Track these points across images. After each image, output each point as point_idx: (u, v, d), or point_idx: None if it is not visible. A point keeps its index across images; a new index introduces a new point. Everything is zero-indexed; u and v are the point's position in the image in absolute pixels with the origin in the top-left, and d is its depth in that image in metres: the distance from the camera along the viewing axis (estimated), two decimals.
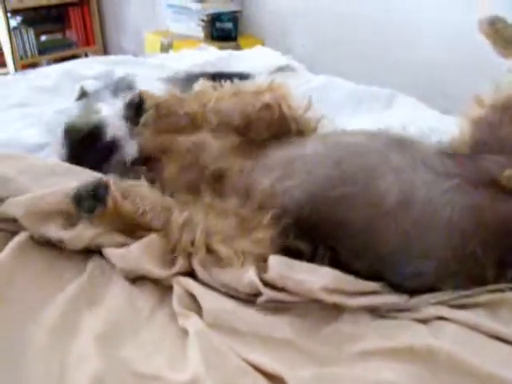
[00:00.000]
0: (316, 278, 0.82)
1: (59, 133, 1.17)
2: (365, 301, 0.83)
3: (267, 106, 1.04)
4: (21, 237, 0.92)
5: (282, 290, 0.83)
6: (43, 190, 0.95)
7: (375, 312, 0.85)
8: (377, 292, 0.85)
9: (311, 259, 0.88)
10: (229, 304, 0.84)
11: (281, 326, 0.81)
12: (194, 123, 1.09)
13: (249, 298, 0.85)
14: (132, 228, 0.94)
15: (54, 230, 0.92)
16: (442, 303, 0.84)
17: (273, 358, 0.75)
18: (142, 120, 1.09)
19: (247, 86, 1.13)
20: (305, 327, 0.81)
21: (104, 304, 0.85)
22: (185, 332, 0.79)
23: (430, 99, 1.83)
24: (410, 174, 0.87)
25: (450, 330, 0.78)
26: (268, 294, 0.82)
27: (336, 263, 0.87)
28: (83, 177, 0.99)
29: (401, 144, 0.94)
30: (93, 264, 0.93)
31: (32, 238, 0.94)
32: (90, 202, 0.91)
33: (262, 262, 0.87)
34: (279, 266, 0.84)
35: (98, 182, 0.93)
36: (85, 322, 0.82)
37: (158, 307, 0.87)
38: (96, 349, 0.76)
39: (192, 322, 0.78)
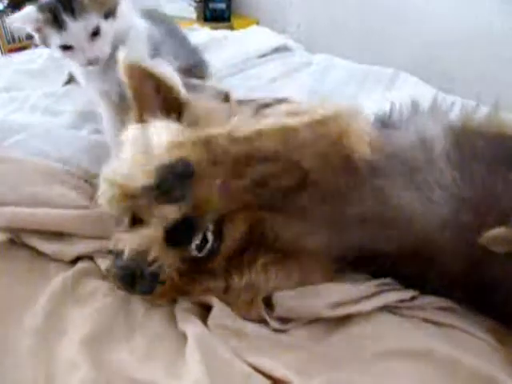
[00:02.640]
0: (320, 299, 0.79)
1: None
2: (375, 303, 0.80)
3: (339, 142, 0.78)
4: (2, 236, 0.87)
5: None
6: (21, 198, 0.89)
7: (384, 308, 0.82)
8: (383, 289, 0.83)
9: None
10: None
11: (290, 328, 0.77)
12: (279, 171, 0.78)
13: None
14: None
15: (38, 243, 0.87)
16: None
17: (282, 362, 0.71)
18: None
19: (302, 110, 0.81)
20: (315, 330, 0.77)
21: (92, 303, 0.80)
22: (183, 336, 0.73)
23: (430, 79, 1.77)
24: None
25: (466, 341, 0.77)
26: (275, 325, 0.79)
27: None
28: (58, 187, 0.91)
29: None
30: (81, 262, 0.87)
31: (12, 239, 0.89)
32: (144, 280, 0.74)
33: None
34: (284, 300, 0.79)
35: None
36: (70, 323, 0.77)
37: (153, 308, 0.81)
38: (85, 353, 0.71)
39: (191, 326, 0.72)
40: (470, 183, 0.81)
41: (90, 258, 0.89)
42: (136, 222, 0.76)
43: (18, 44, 4.00)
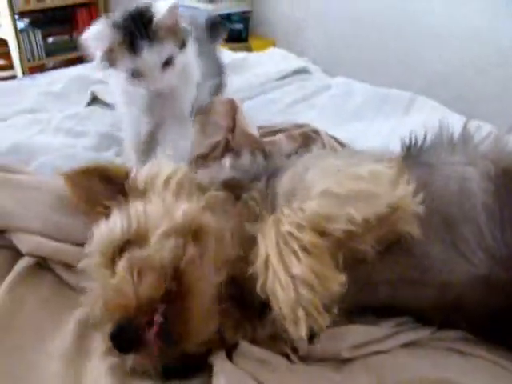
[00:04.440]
0: (342, 342, 0.77)
1: None
2: (395, 342, 0.79)
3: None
4: (27, 261, 0.88)
5: None
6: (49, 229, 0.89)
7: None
8: (403, 329, 0.81)
9: None
10: None
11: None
12: None
13: None
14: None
15: (62, 271, 0.88)
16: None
17: None
18: None
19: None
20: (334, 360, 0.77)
21: None
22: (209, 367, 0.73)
23: (448, 102, 1.77)
24: None
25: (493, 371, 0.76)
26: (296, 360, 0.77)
27: None
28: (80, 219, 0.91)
29: None
30: None
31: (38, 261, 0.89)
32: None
33: None
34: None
35: None
36: (97, 349, 0.77)
37: None
38: (111, 379, 0.71)
39: (218, 358, 0.72)
40: (510, 240, 0.77)
41: None
42: None
43: (38, 61, 4.07)
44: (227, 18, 3.14)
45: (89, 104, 1.64)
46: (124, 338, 0.66)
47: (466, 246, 0.77)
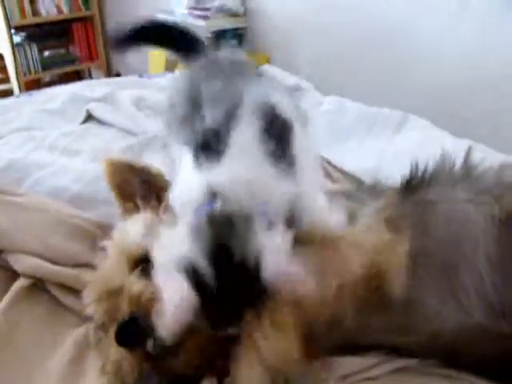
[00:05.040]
0: (326, 373, 0.75)
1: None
2: (382, 370, 0.78)
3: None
4: (23, 281, 0.89)
5: None
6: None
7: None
8: (390, 358, 0.80)
9: None
10: None
11: None
12: None
13: None
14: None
15: (58, 293, 0.89)
16: None
17: None
18: None
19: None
20: None
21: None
22: None
23: (440, 121, 1.80)
24: None
25: None
26: None
27: None
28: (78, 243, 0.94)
29: None
30: None
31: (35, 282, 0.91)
32: None
33: None
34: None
35: None
36: (93, 369, 0.78)
37: None
38: None
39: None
40: (511, 290, 0.74)
41: None
42: None
43: (34, 75, 4.09)
44: (222, 34, 3.16)
45: (84, 122, 1.66)
46: (133, 330, 0.65)
47: (465, 295, 0.75)
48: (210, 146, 0.73)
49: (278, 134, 0.75)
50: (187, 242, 0.65)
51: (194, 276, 0.64)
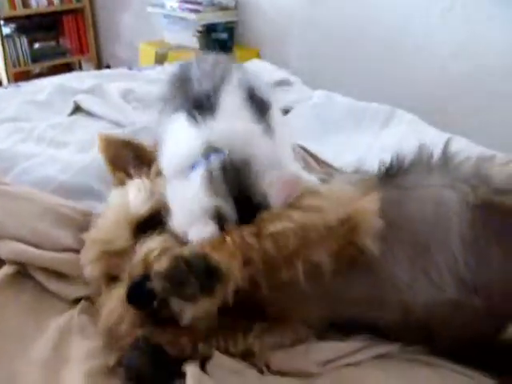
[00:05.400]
0: (310, 358, 0.78)
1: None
2: (363, 356, 0.80)
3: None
4: (8, 269, 0.90)
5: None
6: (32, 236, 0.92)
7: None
8: (371, 343, 0.82)
9: None
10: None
11: None
12: None
13: None
14: None
15: (43, 278, 0.90)
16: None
17: None
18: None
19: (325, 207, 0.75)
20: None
21: (97, 340, 0.81)
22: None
23: (429, 116, 1.81)
24: None
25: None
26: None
27: None
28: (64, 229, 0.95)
29: None
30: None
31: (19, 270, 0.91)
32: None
33: None
34: (275, 361, 0.79)
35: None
36: (76, 356, 0.79)
37: None
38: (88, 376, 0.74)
39: (191, 366, 0.74)
40: (485, 269, 0.77)
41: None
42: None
43: (24, 67, 4.07)
44: (213, 27, 3.16)
45: (72, 113, 1.66)
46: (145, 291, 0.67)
47: (437, 273, 0.77)
48: (203, 106, 0.81)
49: (258, 103, 0.85)
50: (206, 191, 0.72)
51: (220, 220, 0.71)
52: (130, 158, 0.96)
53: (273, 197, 0.72)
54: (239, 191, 0.71)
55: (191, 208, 0.72)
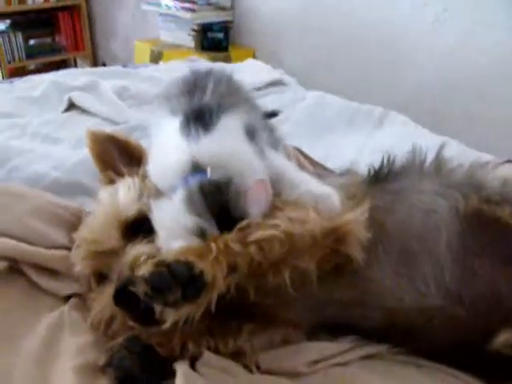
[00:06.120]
0: (299, 358, 0.79)
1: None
2: (352, 356, 0.81)
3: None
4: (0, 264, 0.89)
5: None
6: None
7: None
8: (358, 344, 0.83)
9: None
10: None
11: None
12: None
13: None
14: None
15: (34, 275, 0.90)
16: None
17: None
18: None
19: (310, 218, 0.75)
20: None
21: (87, 336, 0.81)
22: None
23: (421, 118, 1.82)
24: None
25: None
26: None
27: None
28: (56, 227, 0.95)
29: None
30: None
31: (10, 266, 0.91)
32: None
33: None
34: (265, 361, 0.79)
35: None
36: (66, 352, 0.78)
37: None
38: (77, 382, 0.73)
39: (181, 365, 0.75)
40: (471, 280, 0.77)
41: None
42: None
43: (19, 63, 4.06)
44: (208, 27, 3.16)
45: (66, 110, 1.66)
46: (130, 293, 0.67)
47: (422, 281, 0.77)
48: (202, 120, 0.80)
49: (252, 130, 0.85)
50: (187, 209, 0.72)
51: (202, 236, 0.71)
52: (116, 153, 0.95)
53: (251, 207, 0.73)
54: (220, 209, 0.72)
55: (174, 226, 0.73)
